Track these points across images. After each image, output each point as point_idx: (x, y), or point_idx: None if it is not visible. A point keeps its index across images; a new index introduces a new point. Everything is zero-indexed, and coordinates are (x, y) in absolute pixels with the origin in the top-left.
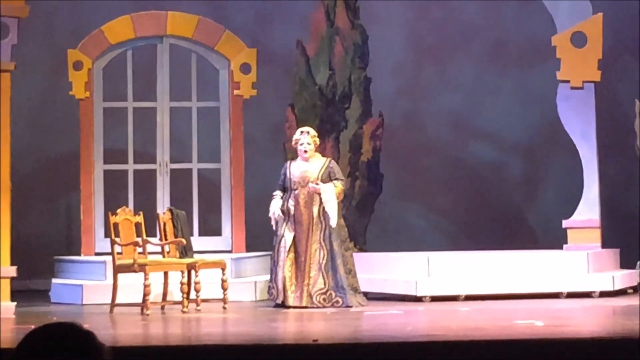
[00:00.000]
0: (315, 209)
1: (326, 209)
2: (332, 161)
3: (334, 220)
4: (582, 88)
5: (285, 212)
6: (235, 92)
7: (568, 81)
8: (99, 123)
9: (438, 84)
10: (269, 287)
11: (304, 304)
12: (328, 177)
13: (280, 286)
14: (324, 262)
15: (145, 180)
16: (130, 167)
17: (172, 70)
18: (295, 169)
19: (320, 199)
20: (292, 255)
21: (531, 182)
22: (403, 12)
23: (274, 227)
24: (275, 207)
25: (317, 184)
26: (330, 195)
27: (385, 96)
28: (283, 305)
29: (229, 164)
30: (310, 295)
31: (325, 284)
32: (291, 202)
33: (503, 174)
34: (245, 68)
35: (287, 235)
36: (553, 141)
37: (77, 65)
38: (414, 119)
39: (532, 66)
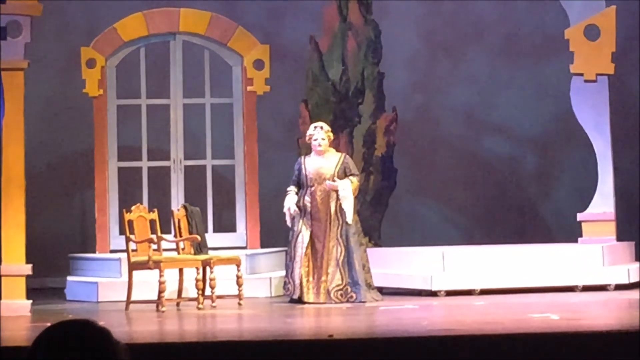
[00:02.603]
0: (332, 205)
1: (343, 206)
2: (347, 156)
3: (350, 217)
4: (595, 81)
5: (301, 208)
6: (249, 88)
7: (582, 74)
8: (113, 120)
9: (451, 78)
10: (285, 282)
11: (321, 300)
12: (343, 173)
13: (297, 282)
14: (341, 257)
15: (159, 177)
16: (145, 164)
17: (185, 67)
18: (310, 165)
19: (337, 195)
20: (309, 251)
21: (545, 176)
22: (415, 6)
23: (288, 223)
24: (290, 203)
25: (334, 180)
26: (348, 191)
27: (399, 91)
28: (299, 300)
29: (242, 160)
30: (327, 292)
31: (342, 280)
32: (307, 199)
33: (517, 168)
34: (258, 64)
35: (304, 232)
36: (567, 134)
37: (91, 63)
38: (427, 114)
39: (546, 59)
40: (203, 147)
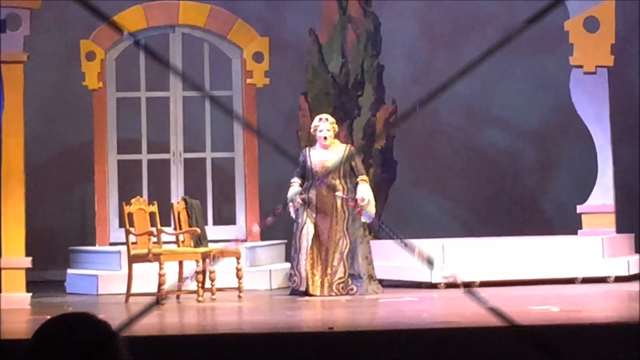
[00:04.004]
0: (338, 200)
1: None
2: (352, 148)
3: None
4: (595, 73)
5: (306, 201)
6: (248, 80)
7: (581, 66)
8: (112, 113)
9: (451, 70)
10: (290, 274)
11: (325, 293)
12: (349, 168)
13: (304, 274)
14: (346, 250)
15: (159, 169)
16: (144, 157)
17: (184, 60)
18: (315, 158)
19: (343, 189)
20: (313, 244)
21: (545, 168)
22: None
23: (292, 215)
24: (294, 194)
25: (362, 200)
26: (372, 199)
27: (399, 83)
28: (305, 292)
29: (242, 152)
30: (330, 285)
31: (344, 273)
32: (312, 192)
33: (517, 160)
34: (257, 57)
35: (309, 224)
36: (567, 127)
37: (90, 56)
38: (427, 106)
39: (545, 52)
40: (203, 139)
